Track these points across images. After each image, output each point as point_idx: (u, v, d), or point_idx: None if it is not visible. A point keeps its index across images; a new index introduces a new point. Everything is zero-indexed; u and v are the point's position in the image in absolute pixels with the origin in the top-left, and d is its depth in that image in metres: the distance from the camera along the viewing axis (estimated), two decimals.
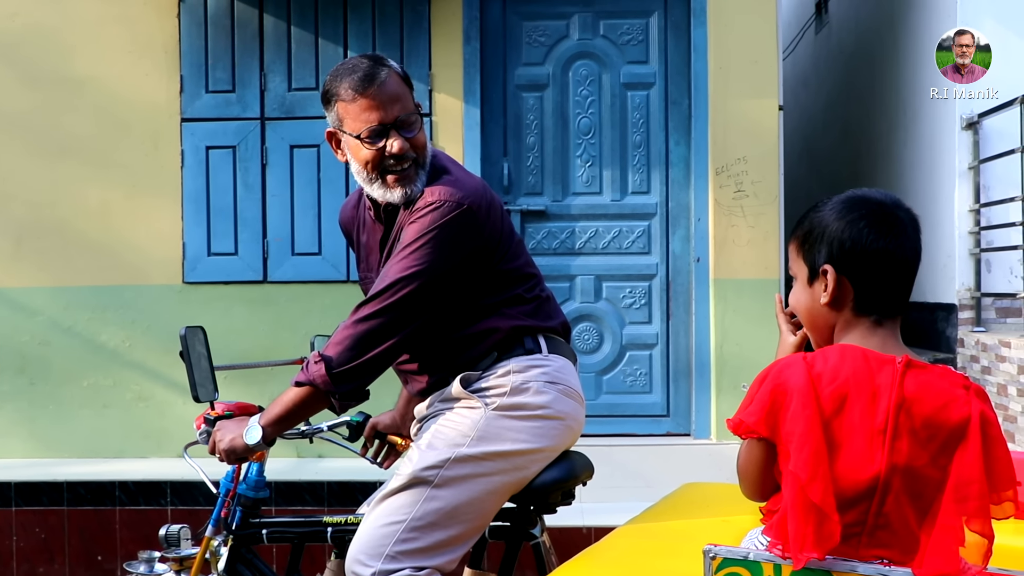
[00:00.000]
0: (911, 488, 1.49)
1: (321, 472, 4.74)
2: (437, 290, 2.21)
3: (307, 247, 5.19)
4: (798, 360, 1.55)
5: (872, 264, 1.55)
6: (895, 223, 1.55)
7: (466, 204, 2.21)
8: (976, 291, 5.46)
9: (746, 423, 1.54)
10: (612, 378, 5.30)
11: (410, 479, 2.21)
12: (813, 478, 1.47)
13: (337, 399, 2.23)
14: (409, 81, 2.34)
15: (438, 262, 2.19)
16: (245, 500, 2.59)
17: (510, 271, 2.34)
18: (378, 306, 2.20)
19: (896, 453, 1.48)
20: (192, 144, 5.21)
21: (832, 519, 1.46)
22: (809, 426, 1.48)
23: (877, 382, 1.51)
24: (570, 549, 2.30)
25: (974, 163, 5.45)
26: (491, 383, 2.29)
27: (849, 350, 1.55)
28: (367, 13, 5.17)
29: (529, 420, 2.26)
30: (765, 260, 5.08)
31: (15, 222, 5.24)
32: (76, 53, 5.22)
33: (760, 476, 1.60)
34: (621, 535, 2.18)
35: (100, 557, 4.61)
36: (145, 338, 5.21)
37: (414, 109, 2.29)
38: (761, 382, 1.56)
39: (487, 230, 2.26)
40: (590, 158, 5.30)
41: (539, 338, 2.35)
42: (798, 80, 9.47)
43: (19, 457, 5.16)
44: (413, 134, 2.27)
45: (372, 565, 2.17)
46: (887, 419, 1.48)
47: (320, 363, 2.20)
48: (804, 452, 1.48)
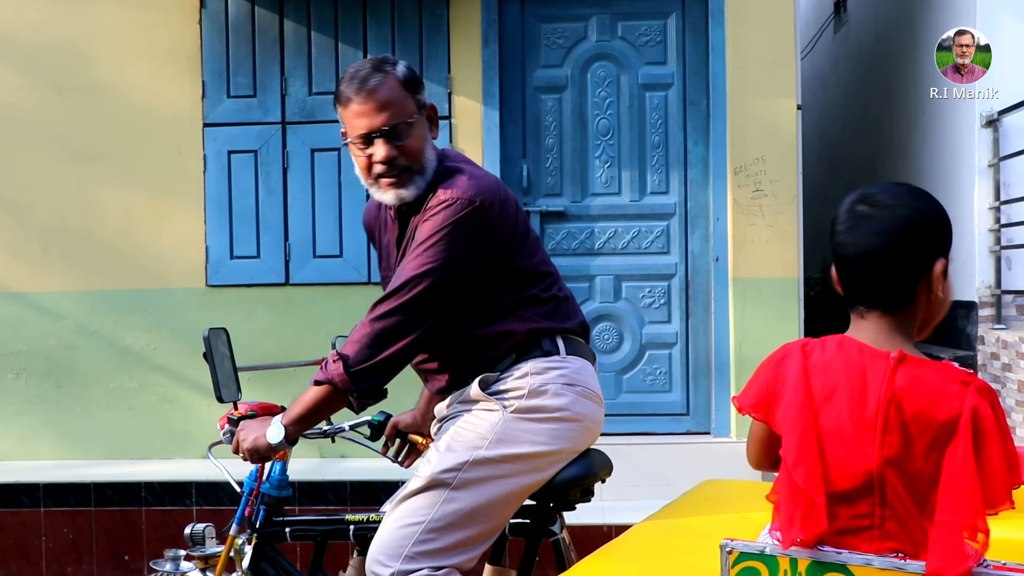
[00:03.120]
0: (906, 482, 1.50)
1: (343, 472, 4.77)
2: (452, 287, 2.22)
3: (328, 250, 5.23)
4: (797, 349, 1.60)
5: (836, 257, 1.61)
6: (853, 216, 1.58)
7: (478, 201, 2.22)
8: (996, 288, 5.44)
9: (744, 407, 1.63)
10: (632, 377, 5.32)
11: (429, 481, 2.23)
12: (799, 463, 1.52)
13: (355, 397, 2.23)
14: (414, 84, 2.31)
15: (451, 259, 2.20)
16: (269, 499, 2.63)
17: (525, 269, 2.34)
18: (393, 304, 2.21)
19: (888, 447, 1.49)
20: (214, 149, 5.27)
21: (818, 503, 1.49)
22: (799, 413, 1.54)
23: (868, 376, 1.53)
24: (589, 546, 2.31)
25: (994, 160, 5.43)
26: (509, 385, 2.29)
27: (846, 342, 1.58)
28: (386, 17, 5.21)
29: (547, 422, 2.27)
30: (784, 259, 5.08)
31: (41, 228, 5.31)
32: (99, 61, 5.29)
33: (760, 450, 1.70)
34: (640, 531, 2.19)
35: (127, 557, 4.67)
36: (169, 341, 5.27)
37: (409, 115, 2.26)
38: (763, 367, 1.64)
39: (500, 226, 2.26)
40: (609, 159, 5.32)
41: (557, 339, 2.35)
42: (816, 79, 9.45)
43: (47, 459, 5.23)
44: (404, 142, 2.26)
45: (391, 565, 2.19)
46: (877, 413, 1.50)
47: (338, 362, 2.22)
48: (792, 438, 1.54)
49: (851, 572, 1.47)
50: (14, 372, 5.31)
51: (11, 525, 4.70)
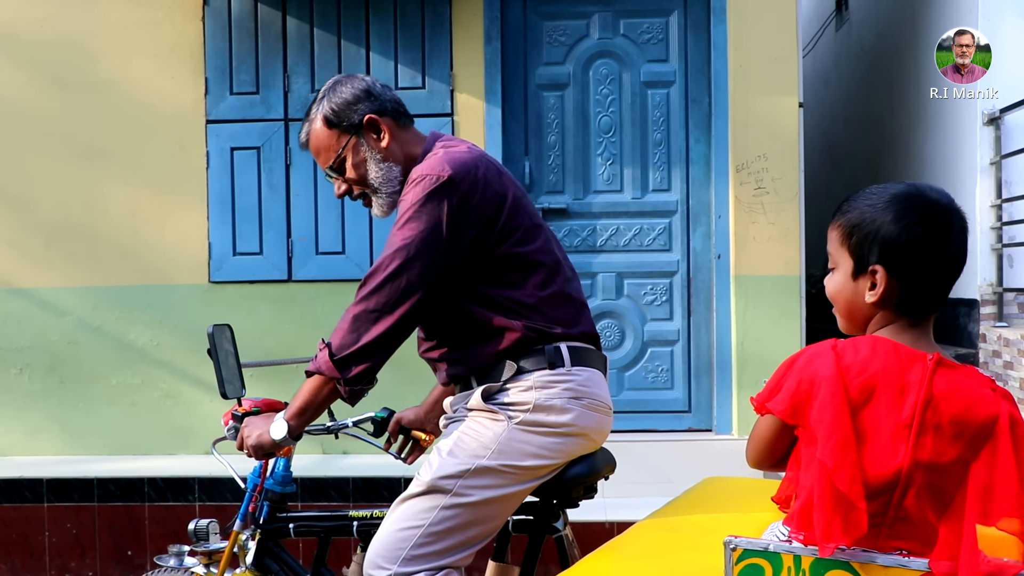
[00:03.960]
0: (932, 484, 1.49)
1: (346, 468, 4.78)
2: (428, 263, 2.19)
3: (331, 246, 5.24)
4: (827, 349, 1.56)
5: (926, 268, 1.55)
6: (950, 227, 1.56)
7: (447, 175, 2.19)
8: (998, 286, 5.45)
9: (772, 410, 1.57)
10: (634, 374, 5.33)
11: (429, 486, 2.22)
12: (840, 466, 1.48)
13: (342, 384, 2.22)
14: (338, 117, 2.36)
15: (423, 234, 2.18)
16: (272, 495, 2.63)
17: (518, 255, 2.28)
18: (371, 287, 2.20)
19: (920, 449, 1.48)
20: (217, 146, 5.27)
21: (859, 508, 1.47)
22: (837, 415, 1.49)
23: (907, 377, 1.51)
24: (592, 543, 2.31)
25: (996, 158, 5.43)
26: (513, 398, 2.26)
27: (881, 343, 1.56)
28: (389, 14, 5.22)
29: (551, 436, 2.25)
30: (786, 256, 5.09)
31: (44, 224, 5.32)
32: (103, 58, 5.30)
33: (765, 449, 1.65)
34: (642, 528, 2.19)
35: (130, 552, 4.68)
36: (172, 337, 5.28)
37: (337, 152, 2.38)
38: (788, 368, 1.58)
39: (475, 201, 2.21)
40: (611, 156, 5.32)
41: (562, 348, 2.28)
42: (818, 77, 9.44)
43: (50, 454, 5.25)
44: (346, 173, 2.40)
45: (389, 568, 2.19)
46: (914, 414, 1.49)
47: (324, 350, 2.23)
48: (832, 441, 1.49)
49: (855, 569, 1.47)
50: (18, 368, 5.32)
51: (15, 520, 4.71)
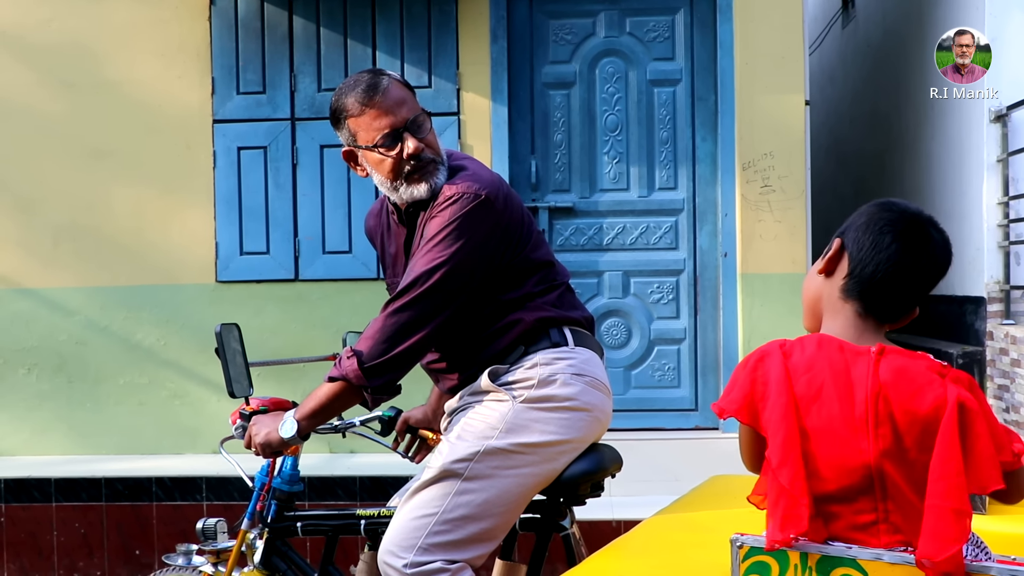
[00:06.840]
0: (904, 473, 1.51)
1: (353, 467, 4.79)
2: (463, 279, 2.26)
3: (338, 245, 5.25)
4: (776, 350, 1.61)
5: (892, 268, 1.58)
6: (920, 235, 1.59)
7: (483, 195, 2.26)
8: (1005, 284, 5.43)
9: (727, 411, 1.62)
10: (640, 373, 5.33)
11: (440, 472, 2.25)
12: (783, 463, 1.53)
13: (369, 393, 2.26)
14: (411, 87, 2.40)
15: (461, 252, 2.24)
16: (280, 494, 2.64)
17: (531, 261, 2.38)
18: (407, 299, 2.24)
19: (881, 439, 1.51)
20: (224, 145, 5.28)
21: (802, 503, 1.51)
22: (783, 414, 1.54)
23: (853, 373, 1.54)
24: (599, 542, 2.33)
25: (1003, 156, 5.41)
26: (518, 376, 2.32)
27: (826, 341, 1.59)
28: (395, 13, 5.22)
29: (557, 411, 2.29)
30: (792, 255, 5.09)
31: (52, 224, 5.34)
32: (110, 57, 5.31)
33: (749, 452, 1.69)
34: (649, 526, 2.20)
35: (138, 551, 4.69)
36: (179, 337, 5.29)
37: (421, 110, 2.35)
38: (741, 370, 1.63)
39: (505, 219, 2.30)
40: (617, 155, 5.32)
41: (565, 330, 2.38)
42: (824, 75, 9.43)
43: (58, 454, 5.27)
44: (425, 135, 2.33)
45: (404, 556, 2.21)
46: (866, 408, 1.51)
47: (352, 358, 2.24)
48: (777, 439, 1.55)
49: (861, 567, 1.47)
50: (25, 368, 5.34)
51: (23, 520, 4.73)
